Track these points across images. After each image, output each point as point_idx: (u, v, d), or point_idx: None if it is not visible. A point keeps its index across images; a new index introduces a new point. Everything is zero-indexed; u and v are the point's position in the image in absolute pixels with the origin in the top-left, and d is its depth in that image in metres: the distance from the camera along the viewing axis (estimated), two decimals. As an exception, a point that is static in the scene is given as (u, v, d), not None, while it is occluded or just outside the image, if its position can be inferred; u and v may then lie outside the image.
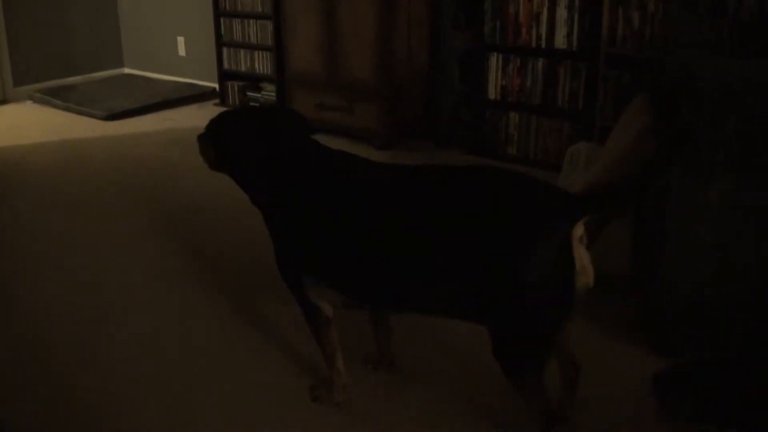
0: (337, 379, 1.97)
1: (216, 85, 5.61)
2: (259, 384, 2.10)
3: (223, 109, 5.30)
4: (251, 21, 5.13)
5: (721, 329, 2.08)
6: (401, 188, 1.70)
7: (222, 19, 5.33)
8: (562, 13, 3.68)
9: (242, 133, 1.92)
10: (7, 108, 5.61)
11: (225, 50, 5.40)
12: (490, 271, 1.52)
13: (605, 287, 1.82)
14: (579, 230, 1.51)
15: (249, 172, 1.89)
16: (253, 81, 5.32)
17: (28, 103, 5.72)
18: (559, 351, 1.76)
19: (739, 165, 1.94)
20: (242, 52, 5.28)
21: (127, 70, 6.57)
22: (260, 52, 5.16)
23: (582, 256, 1.52)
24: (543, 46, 3.80)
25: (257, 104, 5.19)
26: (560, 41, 3.73)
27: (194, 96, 5.67)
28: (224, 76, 5.46)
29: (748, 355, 1.99)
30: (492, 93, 4.04)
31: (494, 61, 3.98)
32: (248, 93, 5.29)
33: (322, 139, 1.93)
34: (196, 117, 5.18)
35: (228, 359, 2.23)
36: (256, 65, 5.22)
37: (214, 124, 1.98)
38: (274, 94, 5.13)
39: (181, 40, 6.04)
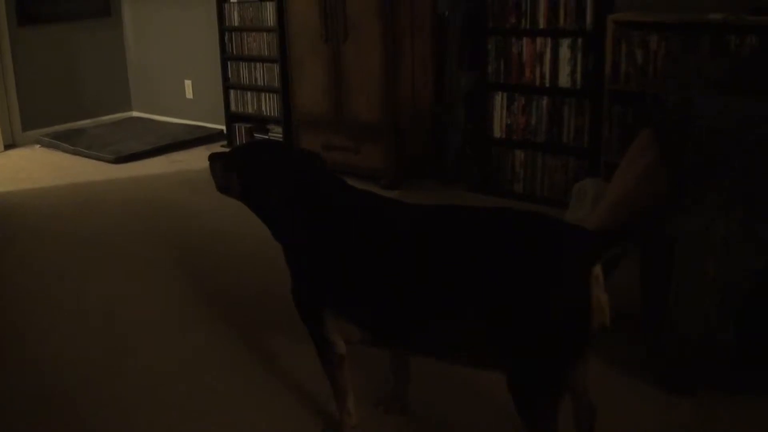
0: (347, 419, 1.95)
1: (223, 127, 5.67)
2: (270, 422, 2.10)
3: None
4: (258, 64, 5.20)
5: (731, 365, 2.07)
6: (422, 228, 1.73)
7: (229, 63, 5.41)
8: (565, 52, 3.72)
9: (272, 165, 1.91)
10: (16, 152, 5.66)
11: (232, 93, 5.47)
12: (509, 308, 1.54)
13: (615, 324, 1.82)
14: (597, 269, 1.53)
15: (275, 205, 1.88)
16: (260, 122, 5.37)
17: (37, 147, 5.77)
18: (575, 395, 1.76)
19: (744, 201, 1.94)
20: (249, 94, 5.35)
21: (135, 114, 6.64)
22: (267, 94, 5.22)
23: (599, 295, 1.53)
24: (547, 84, 3.84)
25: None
26: (564, 80, 3.77)
27: (202, 138, 5.71)
28: (231, 118, 5.52)
29: None
30: (497, 131, 4.07)
31: (499, 99, 4.01)
32: (255, 134, 5.33)
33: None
34: (204, 159, 5.19)
35: (239, 397, 2.23)
36: (263, 107, 5.27)
37: (243, 152, 1.99)
38: (281, 135, 5.17)
39: (188, 83, 6.11)
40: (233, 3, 5.22)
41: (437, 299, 1.64)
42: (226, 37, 5.36)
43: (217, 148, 5.49)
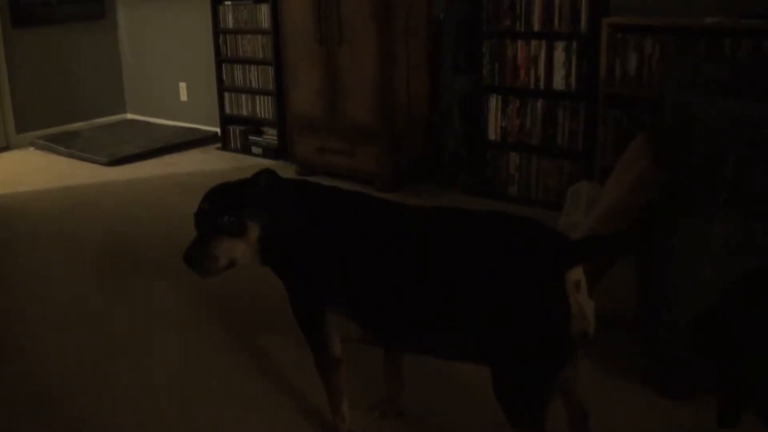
0: (340, 424, 1.96)
1: (218, 130, 5.66)
2: (269, 423, 2.10)
3: (224, 153, 5.36)
4: (252, 67, 5.20)
5: (727, 368, 2.07)
6: (411, 229, 1.74)
7: (224, 65, 5.40)
8: (559, 55, 3.73)
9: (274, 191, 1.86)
10: (10, 155, 5.64)
11: (227, 95, 5.47)
12: (487, 312, 1.56)
13: (611, 327, 1.82)
14: (575, 275, 1.53)
15: (283, 221, 1.83)
16: (254, 125, 5.37)
17: (31, 149, 5.75)
18: (567, 398, 1.75)
19: (740, 204, 1.95)
20: (243, 96, 5.34)
21: (129, 116, 6.62)
22: (261, 97, 5.21)
23: (579, 302, 1.53)
24: (542, 87, 3.84)
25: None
26: (558, 83, 3.77)
27: (196, 140, 5.71)
28: (226, 120, 5.51)
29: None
30: (492, 134, 4.07)
31: (494, 102, 4.02)
32: (250, 137, 5.33)
33: (323, 181, 1.95)
34: (198, 161, 5.21)
35: (237, 397, 2.23)
36: (258, 109, 5.27)
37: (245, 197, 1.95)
38: (275, 137, 5.17)
39: (183, 85, 6.10)
40: (228, 5, 5.22)
41: (416, 298, 1.67)
42: (221, 40, 5.35)
43: (212, 150, 5.49)
